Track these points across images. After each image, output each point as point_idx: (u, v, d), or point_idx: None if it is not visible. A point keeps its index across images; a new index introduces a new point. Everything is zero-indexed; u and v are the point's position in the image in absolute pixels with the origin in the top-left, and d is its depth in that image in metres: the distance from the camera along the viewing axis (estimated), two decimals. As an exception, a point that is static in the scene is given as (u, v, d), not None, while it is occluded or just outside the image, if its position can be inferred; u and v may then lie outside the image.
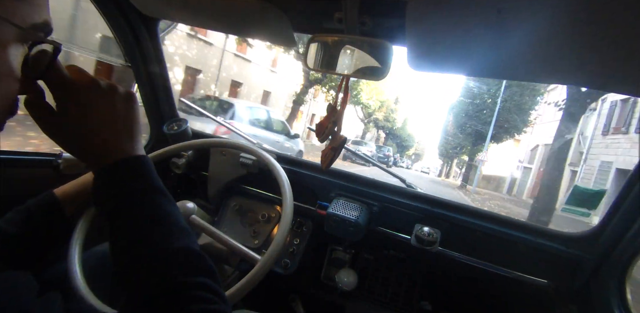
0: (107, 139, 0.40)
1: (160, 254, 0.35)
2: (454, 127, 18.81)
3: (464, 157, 20.68)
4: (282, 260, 0.97)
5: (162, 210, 0.39)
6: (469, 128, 16.08)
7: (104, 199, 0.39)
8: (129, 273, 0.36)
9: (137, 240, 0.36)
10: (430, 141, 59.56)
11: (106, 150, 0.40)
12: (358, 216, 0.88)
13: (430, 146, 57.18)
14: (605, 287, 0.74)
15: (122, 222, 0.38)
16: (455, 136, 18.74)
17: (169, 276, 0.34)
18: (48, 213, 0.59)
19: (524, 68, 0.58)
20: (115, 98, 0.41)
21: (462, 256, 0.88)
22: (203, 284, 0.34)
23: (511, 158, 22.82)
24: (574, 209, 0.97)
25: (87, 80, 0.39)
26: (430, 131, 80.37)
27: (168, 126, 1.12)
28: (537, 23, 0.43)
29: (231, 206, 1.08)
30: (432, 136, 68.36)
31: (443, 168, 35.39)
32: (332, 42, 0.59)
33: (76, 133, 0.39)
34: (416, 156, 55.82)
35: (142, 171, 0.40)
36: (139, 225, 0.37)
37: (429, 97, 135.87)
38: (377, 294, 0.99)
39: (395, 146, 32.01)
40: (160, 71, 1.07)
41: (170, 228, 0.38)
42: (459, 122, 17.06)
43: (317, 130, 0.68)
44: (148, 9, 0.85)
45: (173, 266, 0.35)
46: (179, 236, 0.38)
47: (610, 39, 0.42)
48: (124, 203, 0.38)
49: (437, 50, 0.57)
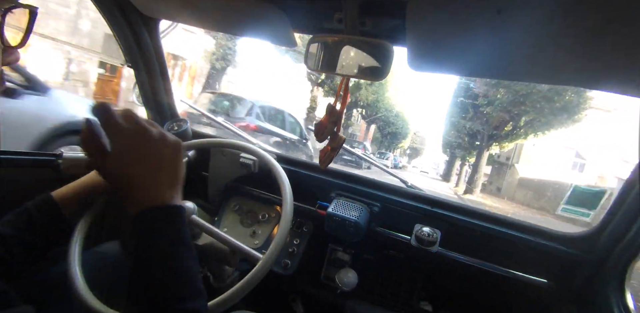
0: (150, 185, 0.42)
1: (166, 309, 0.37)
2: (466, 103, 12.99)
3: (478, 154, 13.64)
4: (282, 260, 0.97)
5: (183, 265, 0.41)
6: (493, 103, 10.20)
7: (137, 240, 0.41)
8: (136, 304, 0.38)
9: (152, 286, 0.38)
10: (432, 132, 48.06)
11: (147, 195, 0.42)
12: (358, 216, 0.88)
13: (432, 138, 46.56)
14: (605, 286, 0.74)
15: (144, 265, 0.40)
16: (469, 117, 12.76)
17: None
18: (46, 215, 0.59)
19: (524, 69, 0.58)
20: (163, 146, 0.44)
21: (462, 257, 0.88)
22: None
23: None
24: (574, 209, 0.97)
25: (139, 127, 0.43)
26: (432, 116, 68.19)
27: (168, 126, 1.12)
28: (537, 23, 0.43)
29: (231, 206, 1.08)
30: (435, 124, 57.67)
31: (452, 167, 22.47)
32: (332, 42, 0.59)
33: (123, 174, 0.41)
34: (413, 151, 45.34)
35: (174, 222, 0.42)
36: (158, 275, 0.39)
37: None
38: (377, 294, 0.99)
39: (381, 137, 25.40)
40: (161, 71, 1.07)
41: (185, 286, 0.39)
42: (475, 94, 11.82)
43: (316, 130, 0.68)
44: (148, 9, 0.85)
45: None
46: (192, 295, 0.39)
47: (610, 39, 0.42)
48: (151, 249, 0.40)
49: (437, 50, 0.57)
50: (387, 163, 17.10)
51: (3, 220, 0.55)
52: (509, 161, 16.93)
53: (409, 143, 36.16)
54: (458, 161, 20.16)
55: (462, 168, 18.90)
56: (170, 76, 1.12)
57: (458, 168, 20.41)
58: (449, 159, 24.33)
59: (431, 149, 50.10)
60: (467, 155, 16.85)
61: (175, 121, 1.14)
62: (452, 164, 22.44)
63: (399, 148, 31.92)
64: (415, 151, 45.75)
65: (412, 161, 44.71)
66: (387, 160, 18.04)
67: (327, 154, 0.70)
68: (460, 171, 19.00)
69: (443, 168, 30.26)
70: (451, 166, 23.05)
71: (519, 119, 11.61)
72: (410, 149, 42.99)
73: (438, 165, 41.64)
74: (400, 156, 40.52)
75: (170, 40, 0.96)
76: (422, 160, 47.00)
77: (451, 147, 19.08)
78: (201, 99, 6.08)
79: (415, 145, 44.16)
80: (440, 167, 38.28)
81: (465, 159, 18.09)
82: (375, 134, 24.57)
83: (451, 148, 19.44)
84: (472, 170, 14.90)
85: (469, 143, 15.22)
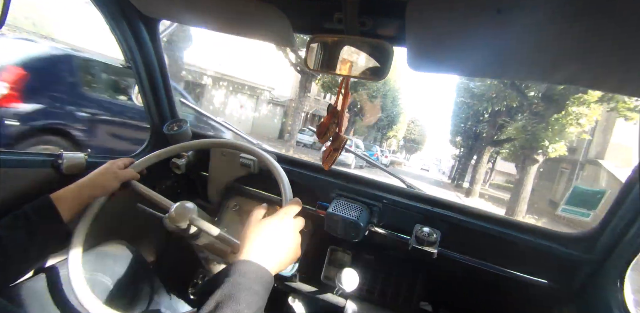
0: (264, 258, 0.50)
1: None
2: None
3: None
4: None
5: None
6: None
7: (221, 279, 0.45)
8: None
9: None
10: (434, 120, 36.24)
11: (259, 261, 0.49)
12: (358, 216, 0.88)
13: (433, 128, 36.39)
14: (605, 287, 0.74)
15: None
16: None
17: None
18: (44, 218, 0.59)
19: (524, 68, 0.58)
20: (286, 235, 0.55)
21: (462, 257, 0.88)
22: None
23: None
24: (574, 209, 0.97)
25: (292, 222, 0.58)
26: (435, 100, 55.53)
27: (168, 126, 1.12)
28: (537, 23, 0.43)
29: (231, 206, 1.08)
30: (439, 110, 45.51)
31: (477, 166, 13.02)
32: (332, 42, 0.59)
33: (245, 244, 0.52)
34: (411, 143, 34.99)
35: (262, 290, 0.46)
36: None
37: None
38: (377, 294, 0.99)
39: (362, 124, 18.01)
40: (161, 71, 1.07)
41: None
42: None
43: (318, 131, 0.68)
44: (148, 9, 0.85)
45: None
46: None
47: (611, 40, 0.42)
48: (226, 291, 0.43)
49: (437, 50, 0.57)
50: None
51: (0, 223, 0.55)
52: (579, 157, 10.47)
53: (404, 132, 28.62)
54: (485, 157, 12.53)
55: (479, 167, 12.37)
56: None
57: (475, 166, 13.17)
58: (457, 155, 18.06)
59: (432, 141, 41.13)
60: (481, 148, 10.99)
61: (175, 121, 1.14)
62: (470, 160, 15.24)
63: (390, 138, 25.27)
64: (414, 144, 35.78)
65: (410, 155, 37.06)
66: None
67: (329, 155, 0.70)
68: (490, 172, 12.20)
69: (449, 166, 23.52)
70: (465, 165, 16.42)
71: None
72: (408, 141, 35.08)
73: (441, 161, 34.36)
74: (398, 150, 34.41)
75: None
76: (422, 155, 37.27)
77: (460, 135, 13.79)
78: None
79: (414, 135, 34.70)
80: (444, 163, 31.95)
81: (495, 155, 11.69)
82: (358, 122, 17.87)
83: (468, 138, 13.86)
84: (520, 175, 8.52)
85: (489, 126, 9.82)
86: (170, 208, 0.72)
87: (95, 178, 0.70)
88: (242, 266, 0.46)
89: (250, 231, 0.54)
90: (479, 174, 12.78)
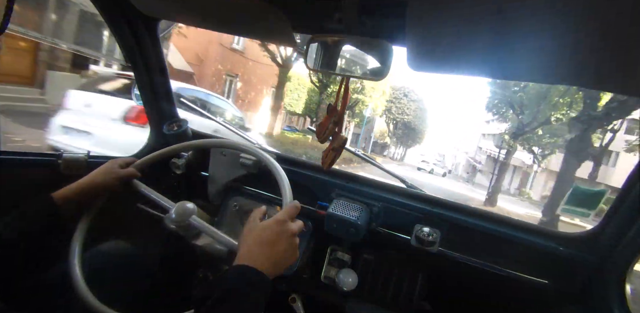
0: (262, 262, 0.50)
1: None
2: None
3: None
4: None
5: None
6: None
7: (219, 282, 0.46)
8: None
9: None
10: (435, 107, 27.80)
11: (256, 265, 0.49)
12: (358, 216, 0.88)
13: (434, 117, 26.89)
14: (605, 287, 0.73)
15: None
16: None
17: None
18: (45, 217, 0.59)
19: (524, 68, 0.58)
20: (283, 238, 0.55)
21: (462, 257, 0.88)
22: None
23: None
24: (574, 209, 0.97)
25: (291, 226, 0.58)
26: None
27: (168, 126, 1.12)
28: (537, 23, 0.43)
29: (231, 206, 1.08)
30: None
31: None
32: (332, 42, 0.59)
33: (243, 247, 0.53)
34: (407, 133, 24.14)
35: (260, 295, 0.47)
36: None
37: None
38: (377, 294, 0.99)
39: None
40: (161, 70, 1.07)
41: None
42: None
43: (317, 131, 0.68)
44: (148, 9, 0.85)
45: None
46: None
47: (610, 40, 0.42)
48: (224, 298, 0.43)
49: (437, 50, 0.57)
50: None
51: (1, 222, 0.55)
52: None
53: (385, 102, 18.96)
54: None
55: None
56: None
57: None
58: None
59: (433, 135, 31.78)
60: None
61: (175, 121, 1.14)
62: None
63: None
64: (412, 133, 24.64)
65: (407, 150, 28.44)
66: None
67: (329, 155, 0.70)
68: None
69: (461, 165, 17.21)
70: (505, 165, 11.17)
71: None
72: (405, 132, 24.63)
73: (444, 157, 27.36)
74: (389, 142, 25.62)
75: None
76: (420, 149, 29.45)
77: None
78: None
79: (407, 120, 23.73)
80: (448, 160, 24.90)
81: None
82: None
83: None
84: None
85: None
86: (170, 208, 0.72)
87: (96, 178, 0.70)
88: (239, 272, 0.46)
89: (248, 235, 0.54)
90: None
